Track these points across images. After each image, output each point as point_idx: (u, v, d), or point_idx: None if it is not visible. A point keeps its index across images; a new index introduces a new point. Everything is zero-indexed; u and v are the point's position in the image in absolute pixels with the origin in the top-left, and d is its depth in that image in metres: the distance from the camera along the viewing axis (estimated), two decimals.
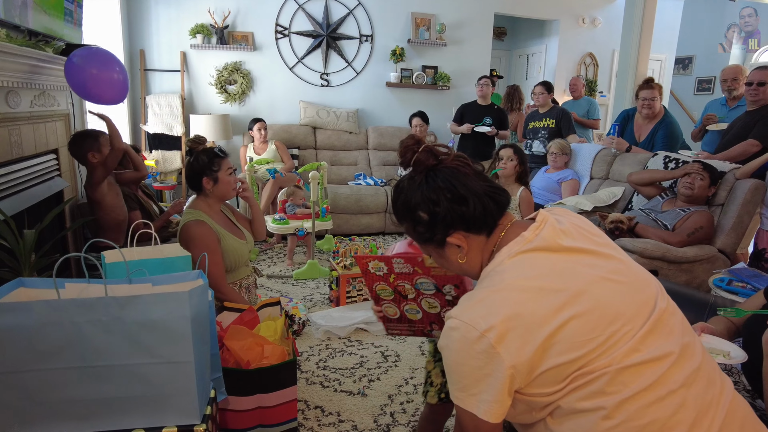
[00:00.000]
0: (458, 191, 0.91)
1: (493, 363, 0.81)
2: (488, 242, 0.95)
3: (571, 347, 0.80)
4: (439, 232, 0.94)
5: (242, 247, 2.15)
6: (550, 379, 0.81)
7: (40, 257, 1.78)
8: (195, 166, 2.07)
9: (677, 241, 2.69)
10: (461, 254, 0.95)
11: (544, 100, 4.44)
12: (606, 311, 0.83)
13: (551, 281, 0.85)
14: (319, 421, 2.00)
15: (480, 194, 0.92)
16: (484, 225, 0.93)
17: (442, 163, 0.94)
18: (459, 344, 0.84)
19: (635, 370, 0.80)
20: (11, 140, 2.16)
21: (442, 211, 0.92)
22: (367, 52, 5.27)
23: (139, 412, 1.08)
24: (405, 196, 0.96)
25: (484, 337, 0.80)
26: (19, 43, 1.95)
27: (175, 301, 1.04)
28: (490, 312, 0.82)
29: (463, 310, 0.86)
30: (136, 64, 4.66)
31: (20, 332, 1.00)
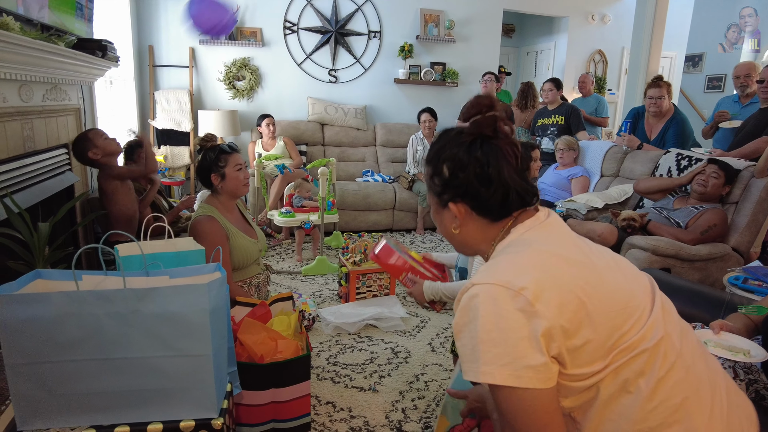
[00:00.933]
0: (489, 171, 0.87)
1: (532, 323, 0.75)
2: (492, 226, 0.92)
3: (606, 317, 0.78)
4: (448, 193, 0.92)
5: (252, 245, 2.15)
6: (590, 355, 0.78)
7: (53, 250, 1.78)
8: (203, 163, 2.09)
9: (690, 239, 2.67)
10: (455, 224, 0.94)
11: (553, 96, 4.41)
12: (624, 287, 0.84)
13: (574, 253, 0.85)
14: (331, 416, 1.99)
15: (508, 185, 0.88)
16: (493, 212, 0.91)
17: (495, 138, 0.90)
18: (490, 307, 0.77)
19: (661, 348, 0.80)
20: (24, 134, 2.17)
21: (462, 178, 0.89)
22: (375, 49, 5.25)
23: (157, 405, 1.08)
24: (444, 144, 0.93)
25: (519, 294, 0.76)
26: (32, 36, 1.95)
27: (194, 293, 1.03)
28: (520, 272, 0.79)
29: (488, 275, 0.81)
30: (145, 60, 4.66)
31: (39, 323, 1.00)
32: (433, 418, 1.99)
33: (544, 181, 3.94)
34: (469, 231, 0.94)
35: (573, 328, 0.76)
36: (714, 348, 1.43)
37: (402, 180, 4.74)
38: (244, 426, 1.57)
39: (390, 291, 3.10)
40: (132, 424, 1.07)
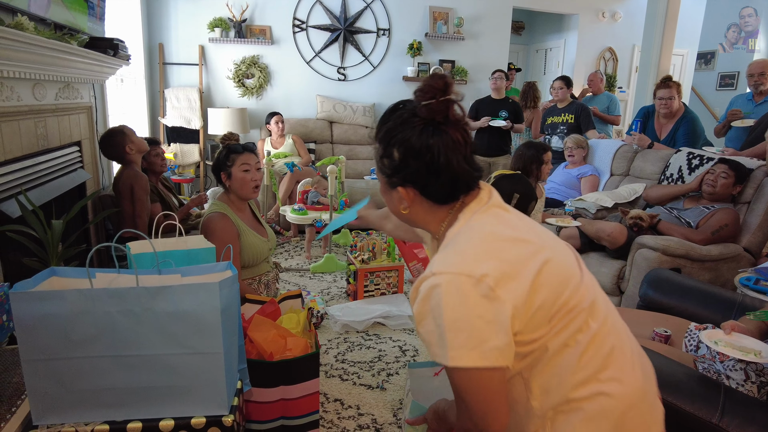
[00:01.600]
0: (439, 162, 0.90)
1: (495, 307, 0.81)
2: (439, 208, 0.97)
3: (553, 287, 0.86)
4: (397, 177, 0.94)
5: (262, 244, 2.17)
6: (540, 320, 0.85)
7: (66, 248, 1.81)
8: (216, 161, 2.12)
9: (701, 239, 2.65)
10: (403, 206, 0.97)
11: (563, 95, 4.39)
12: (562, 259, 0.92)
13: (519, 233, 0.91)
14: (339, 414, 2.01)
15: (456, 175, 0.91)
16: (440, 198, 0.95)
17: (447, 125, 0.90)
18: (453, 297, 0.81)
19: (595, 308, 0.91)
20: (37, 132, 2.19)
21: (413, 166, 0.91)
22: (384, 46, 5.25)
23: (169, 402, 1.09)
24: (395, 125, 0.93)
25: (481, 282, 0.81)
26: (46, 35, 1.97)
27: (205, 291, 1.04)
28: (477, 260, 0.84)
29: (447, 264, 0.85)
30: (155, 58, 4.70)
31: (54, 320, 1.01)
32: None
33: (553, 180, 3.92)
34: (416, 212, 0.98)
35: (528, 302, 0.84)
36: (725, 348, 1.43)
37: None
38: (254, 423, 1.58)
39: (398, 289, 3.10)
40: (144, 420, 1.08)
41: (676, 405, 1.26)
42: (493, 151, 4.82)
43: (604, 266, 2.80)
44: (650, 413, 0.93)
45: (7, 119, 1.92)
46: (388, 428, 1.92)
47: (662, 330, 1.73)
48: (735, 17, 6.94)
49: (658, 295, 2.00)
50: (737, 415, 1.22)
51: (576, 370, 0.87)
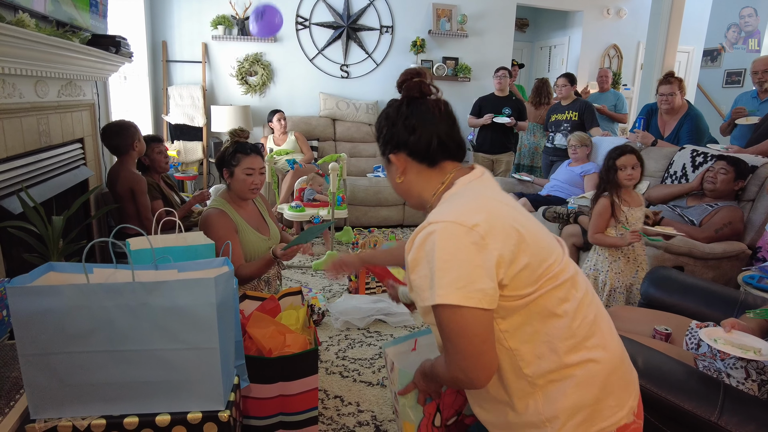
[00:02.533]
0: (413, 122, 1.04)
1: (483, 254, 0.89)
2: (430, 174, 1.07)
3: (536, 250, 0.94)
4: (388, 148, 1.09)
5: (261, 242, 2.16)
6: (526, 279, 0.93)
7: (67, 243, 1.81)
8: (221, 155, 2.11)
9: (704, 237, 2.63)
10: (398, 174, 1.09)
11: (567, 92, 4.36)
12: (544, 233, 1.02)
13: (506, 199, 1.03)
14: (339, 410, 2.01)
15: (432, 132, 1.04)
16: (424, 156, 1.05)
17: (422, 99, 1.06)
18: (446, 241, 0.89)
19: (577, 279, 1.00)
20: (40, 129, 2.20)
21: (394, 131, 1.06)
22: (387, 44, 5.24)
23: (165, 397, 1.09)
24: (385, 110, 1.11)
25: (473, 230, 0.89)
26: (47, 32, 1.98)
27: (201, 287, 1.04)
28: (471, 212, 0.92)
29: (442, 215, 0.93)
30: (159, 56, 4.71)
31: (51, 315, 1.02)
32: None
33: (556, 178, 3.90)
34: (411, 179, 1.09)
35: (514, 256, 0.91)
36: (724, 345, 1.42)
37: None
38: (252, 419, 1.59)
39: None
40: (141, 415, 1.09)
41: (675, 403, 1.26)
42: (497, 148, 4.80)
43: None
44: (630, 373, 1.03)
45: (9, 116, 1.93)
46: (388, 425, 1.92)
47: (663, 328, 1.72)
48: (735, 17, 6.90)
49: (660, 293, 1.99)
50: (736, 413, 1.21)
51: (566, 337, 0.94)
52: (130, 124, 2.74)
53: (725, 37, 6.95)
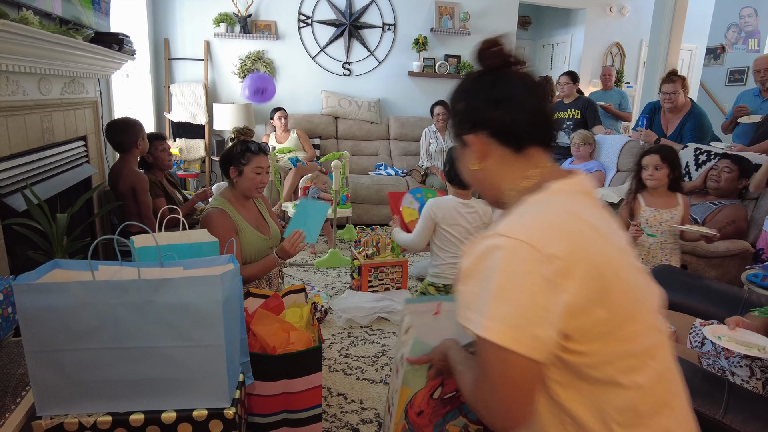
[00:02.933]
0: (497, 94, 0.87)
1: (552, 294, 0.72)
2: (517, 162, 0.89)
3: (622, 306, 0.77)
4: (465, 125, 0.91)
5: (261, 242, 2.16)
6: (595, 336, 0.76)
7: (71, 241, 1.82)
8: (227, 153, 2.10)
9: None
10: (476, 159, 0.91)
11: (569, 90, 4.36)
12: (641, 281, 0.83)
13: (604, 225, 0.82)
14: (342, 408, 2.01)
15: (521, 106, 0.86)
16: (510, 137, 0.88)
17: (508, 68, 0.89)
18: (512, 265, 0.73)
19: (661, 348, 0.82)
20: (43, 127, 2.21)
21: (474, 105, 0.89)
22: (389, 41, 5.23)
23: (171, 395, 1.10)
24: (459, 85, 0.95)
25: (548, 262, 0.72)
26: (51, 30, 1.98)
27: (207, 284, 1.04)
28: (551, 235, 0.74)
29: (515, 228, 0.76)
30: (161, 53, 4.70)
31: (56, 312, 1.02)
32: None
33: None
34: (491, 166, 0.90)
35: (590, 306, 0.74)
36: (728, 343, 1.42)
37: (415, 174, 4.73)
38: (257, 416, 1.59)
39: (402, 284, 3.10)
40: (146, 412, 1.09)
41: None
42: None
43: None
44: None
45: (12, 113, 1.93)
46: None
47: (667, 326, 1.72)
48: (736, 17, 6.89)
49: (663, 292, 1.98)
50: (741, 411, 1.21)
51: (625, 410, 0.78)
52: (135, 122, 2.75)
53: (725, 37, 6.94)
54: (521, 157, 0.88)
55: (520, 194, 0.86)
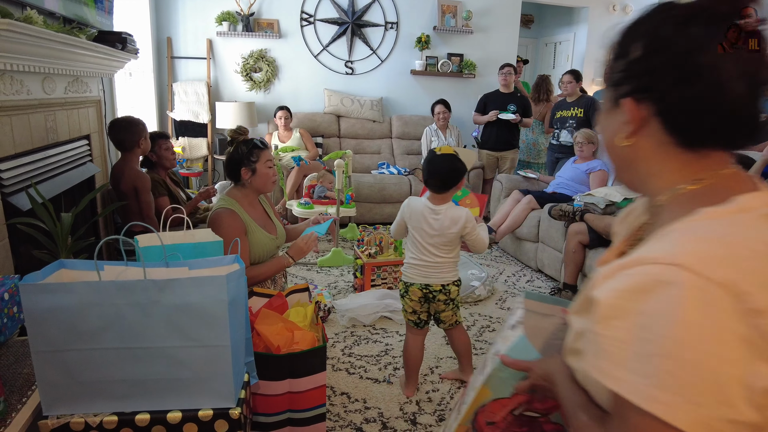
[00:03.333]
0: (699, 61, 0.58)
1: (755, 358, 0.49)
2: (676, 156, 0.62)
3: None
4: (629, 83, 0.63)
5: (270, 242, 2.17)
6: None
7: (75, 240, 1.82)
8: (234, 156, 2.08)
9: None
10: (624, 132, 0.64)
11: (572, 89, 4.35)
12: None
13: None
14: (346, 407, 2.01)
15: (720, 94, 0.57)
16: (685, 130, 0.61)
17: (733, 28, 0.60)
18: (699, 315, 0.49)
19: None
20: (47, 126, 2.21)
21: (656, 63, 0.60)
22: (392, 40, 5.22)
23: (176, 395, 1.10)
24: (643, 17, 0.63)
25: (755, 319, 0.49)
26: (55, 29, 1.98)
27: (212, 284, 1.04)
28: (757, 279, 0.50)
29: (700, 258, 0.51)
30: (163, 52, 4.71)
31: (63, 312, 1.02)
32: (447, 410, 2.00)
33: (561, 175, 3.89)
34: (642, 149, 0.64)
35: None
36: None
37: (418, 173, 4.72)
38: (261, 415, 1.59)
39: None
40: (152, 412, 1.09)
41: None
42: (502, 145, 4.79)
43: None
44: None
45: (17, 113, 1.93)
46: (395, 422, 1.93)
47: None
48: None
49: None
50: None
51: None
52: (138, 121, 2.75)
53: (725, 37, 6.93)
54: (690, 154, 0.62)
55: (683, 199, 0.62)
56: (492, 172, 4.95)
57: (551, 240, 3.42)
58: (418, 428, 1.90)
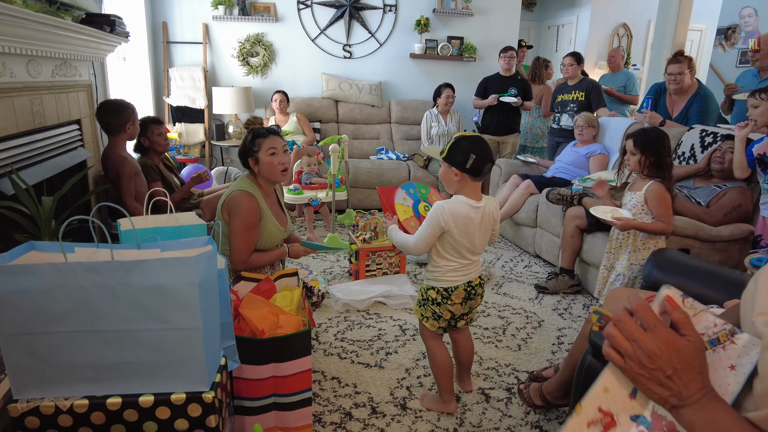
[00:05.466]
0: None
1: None
2: None
3: None
4: None
5: (279, 233, 2.16)
6: None
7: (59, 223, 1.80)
8: (242, 147, 2.09)
9: (714, 221, 2.57)
10: None
11: (573, 71, 4.26)
12: None
13: None
14: (336, 392, 2.00)
15: None
16: None
17: None
18: None
19: None
20: (33, 110, 2.18)
21: None
22: (390, 23, 5.13)
23: (148, 378, 1.08)
24: None
25: None
26: (36, 9, 1.94)
27: (181, 266, 1.02)
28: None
29: None
30: (159, 37, 4.65)
31: (28, 294, 1.00)
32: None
33: (561, 159, 3.83)
34: None
35: None
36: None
37: (417, 158, 4.67)
38: (246, 400, 1.58)
39: (400, 269, 3.08)
40: (124, 396, 1.07)
41: None
42: (502, 129, 4.72)
43: None
44: None
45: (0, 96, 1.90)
46: (385, 407, 1.91)
47: None
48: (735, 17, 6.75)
49: (663, 276, 1.94)
50: None
51: None
52: (127, 105, 2.71)
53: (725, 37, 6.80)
54: None
55: None
56: None
57: (549, 225, 3.38)
58: (408, 413, 1.89)
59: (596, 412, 0.69)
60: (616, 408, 0.67)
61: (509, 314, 2.72)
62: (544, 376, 2.09)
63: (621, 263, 2.34)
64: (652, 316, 0.62)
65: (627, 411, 0.67)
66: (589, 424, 0.69)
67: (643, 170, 2.21)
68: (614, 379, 0.68)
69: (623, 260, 2.33)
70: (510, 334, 2.50)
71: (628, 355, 0.60)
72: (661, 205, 2.18)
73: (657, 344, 0.58)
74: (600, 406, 0.68)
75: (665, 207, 2.18)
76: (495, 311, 2.75)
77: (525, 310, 2.78)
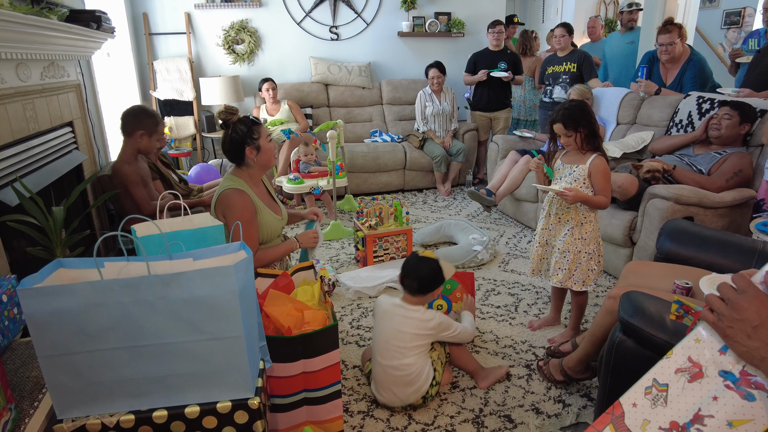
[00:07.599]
0: None
1: None
2: None
3: None
4: None
5: (277, 222, 2.13)
6: None
7: (70, 233, 1.76)
8: (235, 137, 1.99)
9: (716, 187, 2.60)
10: None
11: (565, 42, 4.23)
12: None
13: None
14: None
15: None
16: None
17: None
18: None
19: None
20: (26, 115, 2.11)
21: None
22: (376, 2, 5.03)
23: (193, 389, 1.07)
24: None
25: None
26: (23, 11, 1.86)
27: (220, 276, 1.00)
28: None
29: None
30: (140, 29, 4.51)
31: (66, 315, 0.98)
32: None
33: None
34: None
35: None
36: None
37: (412, 139, 4.64)
38: (277, 397, 1.58)
39: (407, 252, 3.08)
40: (169, 408, 1.07)
41: None
42: (495, 105, 4.70)
43: (615, 218, 2.76)
44: None
45: None
46: None
47: (683, 282, 1.70)
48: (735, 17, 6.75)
49: (676, 246, 1.96)
50: None
51: None
52: (148, 114, 2.62)
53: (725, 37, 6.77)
54: None
55: None
56: (486, 134, 4.87)
57: None
58: (434, 397, 1.91)
59: (686, 361, 0.74)
60: (705, 360, 0.72)
61: (519, 291, 2.75)
62: (562, 351, 2.12)
63: (560, 239, 2.16)
64: (745, 281, 0.68)
65: (716, 366, 0.71)
66: (677, 370, 0.74)
67: (583, 146, 2.11)
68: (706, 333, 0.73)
69: (562, 236, 2.16)
70: (522, 311, 2.53)
71: (720, 311, 0.67)
72: (604, 179, 2.08)
73: (747, 299, 0.65)
74: (690, 356, 0.74)
75: (607, 181, 2.10)
76: (505, 288, 2.78)
77: (534, 285, 2.81)
